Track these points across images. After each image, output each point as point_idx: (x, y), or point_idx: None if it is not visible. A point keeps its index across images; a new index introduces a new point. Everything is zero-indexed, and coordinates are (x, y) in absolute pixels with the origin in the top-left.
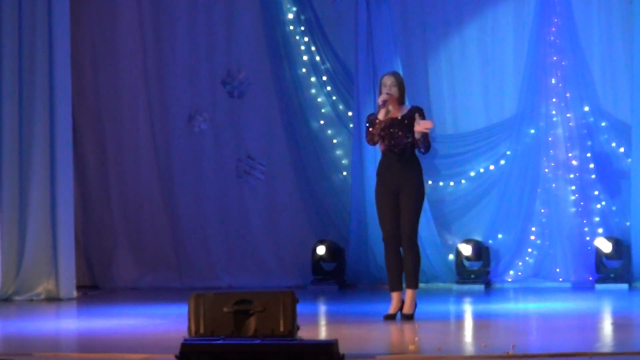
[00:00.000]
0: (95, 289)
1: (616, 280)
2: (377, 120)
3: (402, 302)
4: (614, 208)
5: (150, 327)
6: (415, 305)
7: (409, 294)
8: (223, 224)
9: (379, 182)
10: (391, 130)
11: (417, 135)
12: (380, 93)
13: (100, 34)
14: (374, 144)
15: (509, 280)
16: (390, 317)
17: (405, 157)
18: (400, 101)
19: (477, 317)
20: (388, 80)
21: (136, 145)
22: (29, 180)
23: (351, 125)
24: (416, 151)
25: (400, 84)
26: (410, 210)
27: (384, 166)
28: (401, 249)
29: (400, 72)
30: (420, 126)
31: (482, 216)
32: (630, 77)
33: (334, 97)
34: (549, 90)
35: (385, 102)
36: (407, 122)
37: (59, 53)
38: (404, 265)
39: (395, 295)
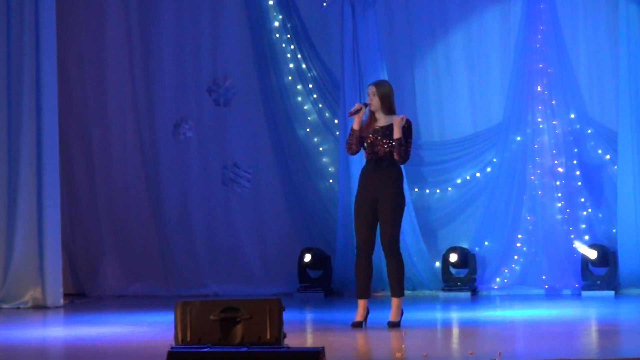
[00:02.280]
0: (82, 296)
1: (602, 287)
2: (353, 130)
3: (368, 310)
4: (600, 215)
5: (137, 335)
6: (402, 313)
7: (394, 302)
8: (209, 231)
9: (359, 189)
10: (373, 138)
11: (395, 135)
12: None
13: (87, 42)
14: (353, 153)
15: (495, 287)
16: (357, 325)
17: (384, 165)
18: (386, 110)
19: (464, 325)
20: (370, 90)
21: (123, 153)
22: (15, 189)
23: (337, 133)
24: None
25: (383, 94)
26: (389, 219)
27: (365, 173)
28: (385, 256)
29: (386, 79)
30: (397, 122)
31: (468, 223)
32: (617, 84)
33: (320, 105)
34: (535, 98)
35: (357, 112)
36: (389, 131)
37: (45, 61)
38: (388, 275)
39: (361, 303)
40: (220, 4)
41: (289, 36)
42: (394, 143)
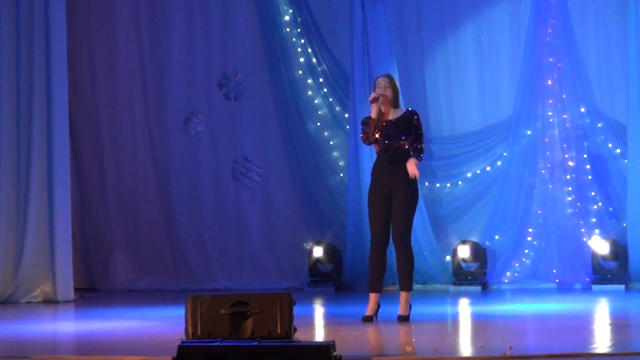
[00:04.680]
0: (93, 291)
1: (612, 281)
2: (371, 119)
3: (379, 305)
4: (610, 209)
5: (147, 329)
6: (410, 307)
7: (403, 296)
8: (220, 226)
9: (372, 184)
10: (385, 132)
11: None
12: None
13: (97, 37)
14: (370, 143)
15: (506, 281)
16: (368, 319)
17: (399, 159)
18: (394, 104)
19: (474, 318)
20: (382, 82)
21: (133, 147)
22: (26, 184)
23: (348, 127)
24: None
25: (394, 87)
26: (403, 213)
27: (378, 167)
28: (395, 251)
29: (396, 74)
30: (411, 168)
31: (478, 217)
32: (627, 78)
33: (330, 99)
34: (545, 92)
35: (376, 100)
36: (400, 124)
37: (55, 56)
38: (398, 268)
39: (373, 297)
40: None
41: (299, 30)
42: (414, 149)
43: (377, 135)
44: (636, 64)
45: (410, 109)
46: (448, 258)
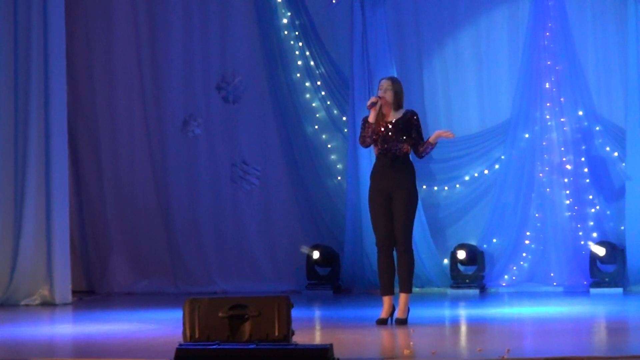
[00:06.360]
0: (91, 293)
1: (610, 284)
2: (368, 123)
3: (394, 307)
4: (608, 212)
5: (145, 332)
6: (408, 310)
7: (402, 298)
8: (218, 229)
9: (372, 186)
10: (385, 134)
11: (432, 140)
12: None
13: (95, 40)
14: (366, 146)
15: (504, 284)
16: (382, 322)
17: (399, 161)
18: (396, 106)
19: (472, 322)
20: (384, 84)
21: (131, 150)
22: (24, 186)
23: (346, 130)
24: (410, 156)
25: (396, 89)
26: (404, 215)
27: (378, 170)
28: (395, 252)
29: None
30: (448, 134)
31: (476, 221)
32: (625, 82)
33: (328, 102)
34: (543, 95)
35: (374, 104)
36: (400, 126)
37: (54, 59)
38: (398, 269)
39: (386, 300)
40: (229, 1)
41: (297, 33)
42: (426, 145)
43: (374, 137)
44: (635, 67)
45: (409, 109)
46: (446, 261)
